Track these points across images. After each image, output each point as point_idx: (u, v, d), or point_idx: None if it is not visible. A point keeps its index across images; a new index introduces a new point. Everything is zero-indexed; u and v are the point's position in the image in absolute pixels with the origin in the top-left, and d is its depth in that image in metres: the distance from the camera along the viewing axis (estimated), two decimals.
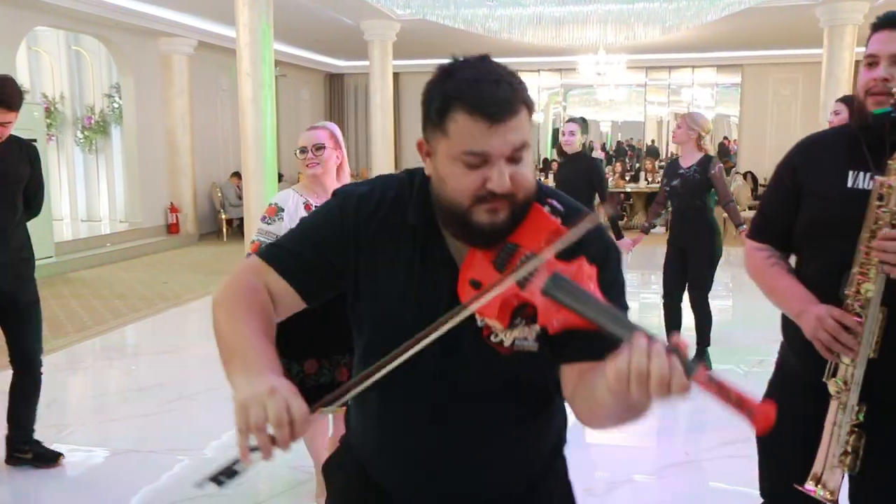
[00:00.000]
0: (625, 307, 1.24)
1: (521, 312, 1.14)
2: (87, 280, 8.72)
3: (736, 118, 15.72)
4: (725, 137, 15.91)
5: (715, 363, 4.94)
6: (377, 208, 1.28)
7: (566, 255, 1.12)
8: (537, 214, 1.19)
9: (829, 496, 1.67)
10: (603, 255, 1.22)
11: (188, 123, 11.70)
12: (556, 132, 16.69)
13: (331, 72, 16.84)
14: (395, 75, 13.15)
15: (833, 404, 1.67)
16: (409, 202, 1.27)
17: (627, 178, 13.58)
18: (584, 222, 1.11)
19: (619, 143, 17.15)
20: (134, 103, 10.99)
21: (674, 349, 0.95)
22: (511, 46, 12.54)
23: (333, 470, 1.53)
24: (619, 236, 5.30)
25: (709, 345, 4.93)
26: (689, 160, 4.76)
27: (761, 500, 1.99)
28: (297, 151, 2.96)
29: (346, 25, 11.31)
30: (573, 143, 5.17)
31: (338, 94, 17.24)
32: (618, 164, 14.48)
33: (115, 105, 11.56)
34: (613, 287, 1.21)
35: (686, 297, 4.97)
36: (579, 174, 5.17)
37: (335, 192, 1.35)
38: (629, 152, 16.70)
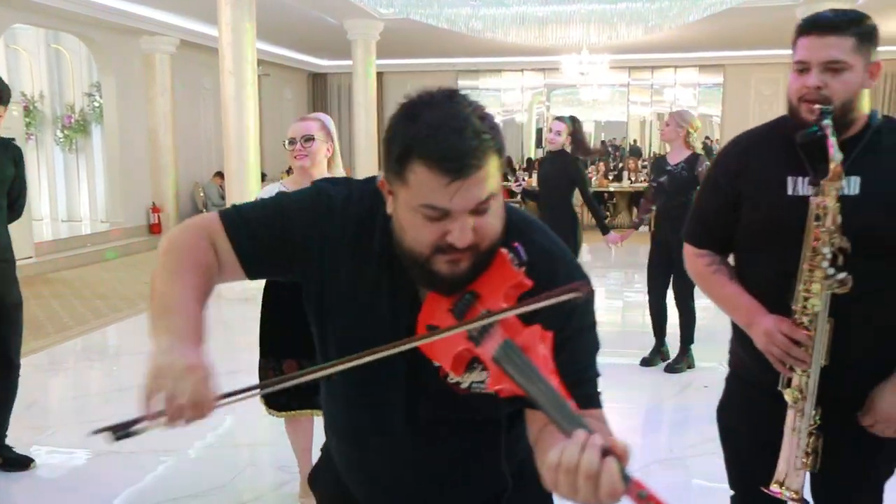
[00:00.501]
0: (587, 366, 1.21)
1: (476, 362, 1.11)
2: (68, 280, 8.63)
3: (718, 118, 15.83)
4: (707, 137, 16.01)
5: (698, 361, 4.97)
6: (351, 222, 1.23)
7: (525, 316, 1.07)
8: (501, 263, 1.13)
9: (794, 496, 1.70)
10: (567, 311, 1.12)
11: (170, 123, 11.62)
12: (539, 132, 16.72)
13: (314, 71, 16.79)
14: (379, 75, 13.13)
15: (790, 412, 1.69)
16: (376, 227, 1.21)
17: (611, 178, 13.64)
18: (566, 291, 1.04)
19: (602, 142, 17.20)
20: (115, 102, 10.89)
21: (610, 451, 0.90)
22: (494, 46, 12.56)
23: (318, 481, 1.55)
24: (606, 231, 5.36)
25: (692, 342, 4.97)
26: (676, 157, 4.79)
27: (723, 488, 2.01)
28: (286, 142, 2.92)
29: (330, 24, 11.28)
30: (557, 142, 5.19)
31: (321, 94, 17.19)
32: (601, 163, 14.54)
33: (96, 104, 11.44)
34: (577, 341, 1.18)
35: (670, 294, 5.00)
36: (561, 172, 5.19)
37: (315, 185, 1.29)
38: (615, 152, 16.75)
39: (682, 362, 4.97)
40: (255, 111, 7.78)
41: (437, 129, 1.04)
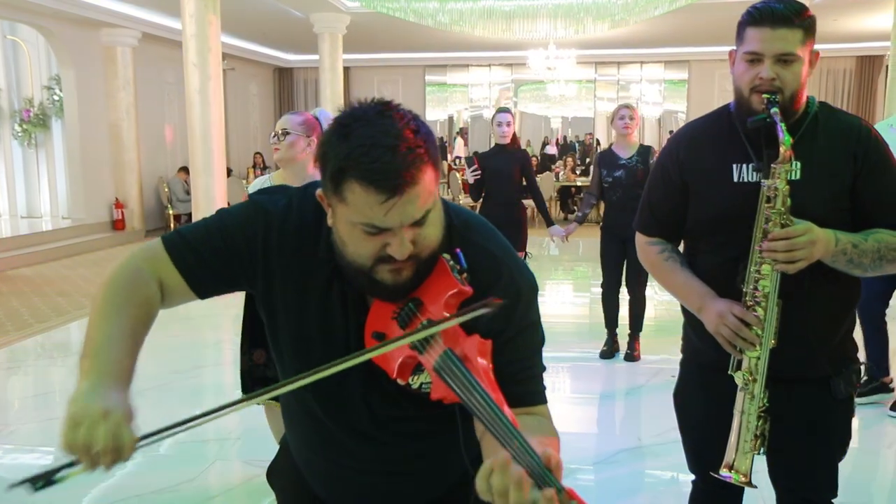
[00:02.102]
0: (531, 364, 1.22)
1: (422, 366, 1.13)
2: (28, 277, 8.46)
3: (683, 113, 16.01)
4: (671, 131, 16.19)
5: (666, 352, 5.03)
6: (291, 234, 1.23)
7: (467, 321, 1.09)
8: (441, 270, 1.15)
9: (743, 479, 1.74)
10: (509, 310, 1.15)
11: (133, 117, 11.43)
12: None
13: (280, 66, 16.64)
14: (346, 69, 13.05)
15: (740, 394, 1.73)
16: (321, 235, 1.21)
17: (578, 173, 13.72)
18: (481, 306, 1.05)
19: (564, 137, 17.31)
20: (75, 96, 10.68)
21: (538, 464, 0.90)
22: (462, 41, 12.56)
23: (276, 475, 1.55)
24: (550, 223, 5.37)
25: (641, 330, 5.10)
26: (627, 151, 4.85)
27: (692, 477, 2.04)
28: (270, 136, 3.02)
29: (295, 18, 11.18)
30: (509, 134, 5.19)
31: (287, 89, 17.04)
32: (568, 158, 14.62)
33: (56, 97, 11.21)
34: (520, 339, 1.19)
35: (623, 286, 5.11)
36: (513, 164, 5.20)
37: (252, 199, 1.29)
38: (588, 147, 16.85)
39: (635, 350, 5.08)
40: (220, 104, 7.68)
41: (370, 148, 1.04)
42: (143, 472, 3.41)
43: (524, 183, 5.27)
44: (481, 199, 5.30)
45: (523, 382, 1.18)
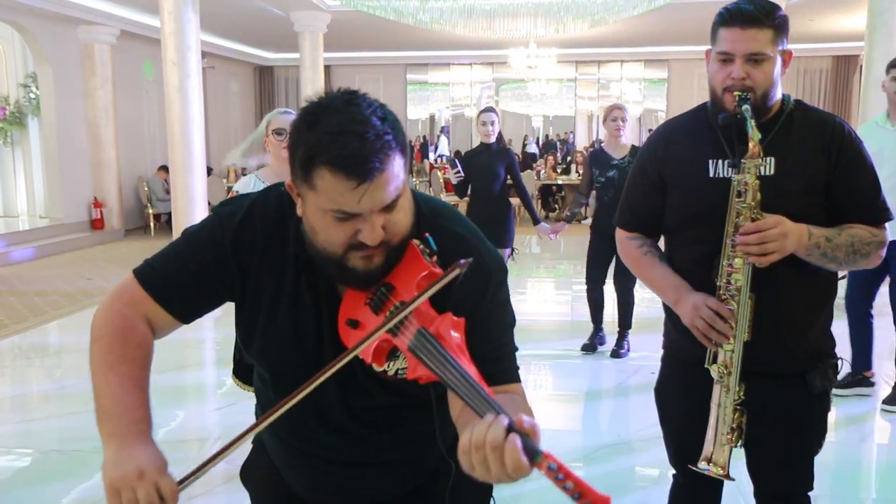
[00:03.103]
0: (503, 342, 1.25)
1: (398, 350, 1.15)
2: (5, 277, 8.35)
3: (663, 112, 16.12)
4: (650, 130, 16.30)
5: (648, 348, 5.06)
6: (258, 234, 1.24)
7: (439, 300, 1.11)
8: (412, 255, 1.17)
9: (721, 472, 1.77)
10: (480, 289, 1.20)
11: (112, 115, 11.30)
12: None
13: (260, 64, 16.55)
14: (327, 68, 13.01)
15: (716, 388, 1.76)
16: (289, 230, 1.23)
17: (559, 171, 13.77)
18: (450, 270, 1.07)
19: (547, 136, 17.36)
20: (53, 94, 10.55)
21: (516, 429, 0.92)
22: (443, 40, 12.56)
23: (250, 474, 1.54)
24: (537, 221, 5.44)
25: (630, 328, 5.13)
26: (619, 151, 4.87)
27: (673, 471, 2.07)
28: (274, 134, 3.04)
29: (276, 16, 11.12)
30: (494, 133, 5.22)
31: (268, 87, 16.95)
32: (549, 157, 14.67)
33: (32, 96, 11.07)
34: (491, 317, 1.22)
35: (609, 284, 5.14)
36: (499, 163, 5.23)
37: (213, 212, 1.31)
38: (563, 146, 16.92)
39: (624, 347, 5.10)
40: (200, 102, 7.63)
41: (339, 135, 1.05)
42: None
43: (509, 181, 5.31)
44: (467, 198, 5.32)
45: (497, 361, 1.20)
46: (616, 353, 5.10)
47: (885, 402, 4.05)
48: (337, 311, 1.21)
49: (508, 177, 5.29)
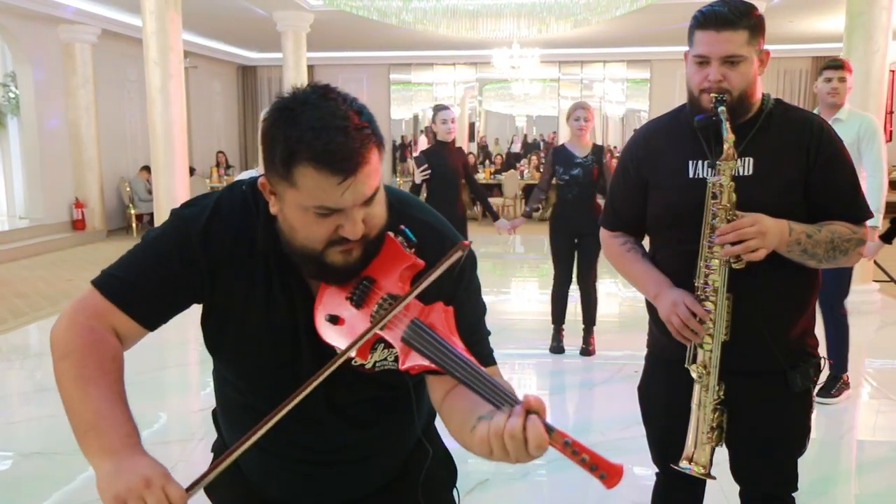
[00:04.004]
0: (479, 327, 1.27)
1: (378, 342, 1.16)
2: None
3: (646, 112, 16.19)
4: (635, 129, 16.38)
5: (632, 348, 5.10)
6: (227, 233, 1.22)
7: (425, 292, 1.11)
8: (391, 246, 1.17)
9: (702, 471, 1.78)
10: (458, 275, 1.22)
11: (93, 115, 11.21)
12: (472, 126, 16.79)
13: (243, 64, 16.46)
14: (310, 68, 12.97)
15: (696, 387, 1.78)
16: (258, 226, 1.21)
17: (542, 171, 13.78)
18: (446, 259, 1.09)
19: (525, 137, 17.38)
20: (33, 93, 10.46)
21: (534, 412, 0.97)
22: (426, 39, 12.56)
23: (213, 486, 1.49)
24: (496, 217, 5.52)
25: (594, 324, 5.19)
26: (582, 150, 4.94)
27: (656, 470, 2.08)
28: None
29: (258, 16, 11.07)
30: (454, 131, 5.23)
31: (251, 87, 16.86)
32: (533, 156, 14.71)
33: (12, 95, 10.96)
34: (467, 303, 1.24)
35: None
36: (455, 161, 5.26)
37: (174, 214, 1.26)
38: (550, 145, 16.95)
39: (591, 344, 5.13)
40: (183, 102, 7.59)
41: (321, 130, 1.04)
42: None
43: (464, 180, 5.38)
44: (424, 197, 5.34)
45: (477, 344, 1.21)
46: (585, 352, 5.12)
47: (818, 394, 4.14)
48: (312, 308, 1.19)
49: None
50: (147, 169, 11.40)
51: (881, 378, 4.37)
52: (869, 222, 1.88)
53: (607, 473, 0.92)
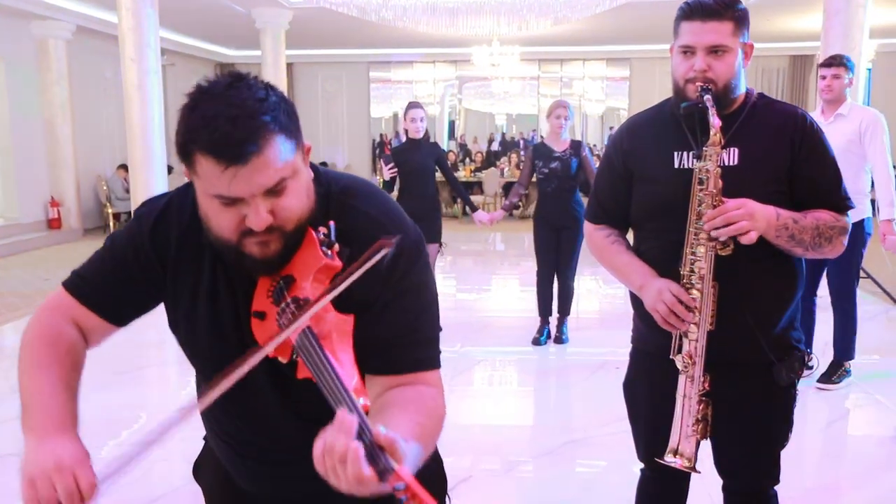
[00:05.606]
0: (414, 328, 1.20)
1: None
2: None
3: (625, 110, 16.27)
4: (611, 127, 16.45)
5: (613, 344, 5.11)
6: (174, 227, 1.25)
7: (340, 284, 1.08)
8: (309, 245, 1.15)
9: (687, 464, 1.79)
10: (386, 271, 1.15)
11: (69, 113, 11.07)
12: (452, 124, 16.80)
13: (221, 61, 16.32)
14: (289, 65, 12.90)
15: (681, 378, 1.78)
16: (202, 222, 1.20)
17: (522, 167, 13.81)
18: (365, 259, 1.05)
19: (503, 135, 17.43)
20: (6, 90, 10.31)
21: (368, 440, 0.91)
22: (406, 37, 12.53)
23: (202, 472, 1.53)
24: (474, 209, 5.69)
25: (569, 314, 5.36)
26: (561, 145, 5.12)
27: (641, 466, 2.08)
28: None
29: (237, 13, 10.99)
30: (422, 129, 5.28)
31: None
32: (512, 154, 14.75)
33: None
34: (398, 304, 1.18)
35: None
36: (428, 158, 5.30)
37: (134, 213, 1.31)
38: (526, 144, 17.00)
39: (565, 333, 5.31)
40: (160, 100, 7.52)
41: (211, 119, 1.05)
42: None
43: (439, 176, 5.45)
44: (396, 194, 5.37)
45: (406, 348, 1.17)
46: (559, 339, 5.29)
47: (819, 380, 4.23)
48: (247, 308, 1.19)
49: (437, 171, 5.40)
50: (124, 167, 11.26)
51: (860, 373, 4.42)
52: (882, 214, 1.91)
53: None
